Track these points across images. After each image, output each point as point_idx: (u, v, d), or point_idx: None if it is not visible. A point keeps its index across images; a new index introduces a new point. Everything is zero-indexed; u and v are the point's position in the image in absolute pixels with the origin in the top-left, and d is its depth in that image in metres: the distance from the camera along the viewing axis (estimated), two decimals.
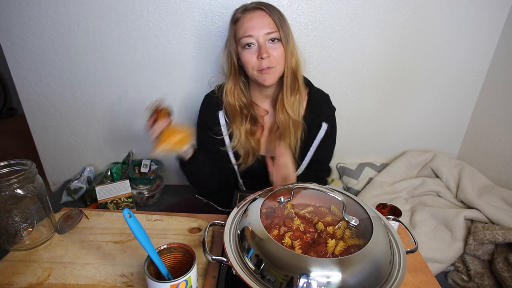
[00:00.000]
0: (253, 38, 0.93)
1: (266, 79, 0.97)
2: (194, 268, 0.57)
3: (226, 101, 1.03)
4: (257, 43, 0.94)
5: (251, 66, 0.96)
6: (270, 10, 0.94)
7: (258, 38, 0.93)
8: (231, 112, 1.04)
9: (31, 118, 1.51)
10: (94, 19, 1.32)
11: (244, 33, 0.93)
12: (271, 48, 0.94)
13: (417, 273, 0.72)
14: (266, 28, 0.93)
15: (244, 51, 0.96)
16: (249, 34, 0.93)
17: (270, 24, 0.93)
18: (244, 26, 0.94)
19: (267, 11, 0.94)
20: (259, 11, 0.95)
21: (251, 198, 0.71)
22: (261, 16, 0.94)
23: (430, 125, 1.63)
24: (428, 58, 1.47)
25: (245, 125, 1.04)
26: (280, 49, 0.95)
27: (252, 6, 0.96)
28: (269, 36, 0.93)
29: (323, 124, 1.06)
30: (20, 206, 0.75)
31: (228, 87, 1.02)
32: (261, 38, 0.93)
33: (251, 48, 0.95)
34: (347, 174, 1.66)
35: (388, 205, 0.86)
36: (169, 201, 1.57)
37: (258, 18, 0.94)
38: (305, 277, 0.50)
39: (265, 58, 0.93)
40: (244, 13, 0.95)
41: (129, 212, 0.57)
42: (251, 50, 0.95)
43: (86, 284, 0.66)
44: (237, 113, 1.03)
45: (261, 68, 0.94)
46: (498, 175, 1.47)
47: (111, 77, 1.43)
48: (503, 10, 1.39)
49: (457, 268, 1.24)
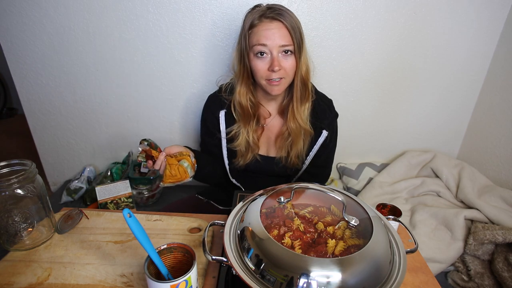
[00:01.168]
0: (267, 48, 0.92)
1: (273, 90, 0.97)
2: (194, 268, 0.57)
3: (237, 102, 1.03)
4: (270, 54, 0.93)
5: (261, 75, 0.96)
6: (287, 22, 0.92)
7: (272, 49, 0.92)
8: (242, 113, 1.04)
9: (31, 118, 1.51)
10: (94, 19, 1.32)
11: (258, 41, 0.92)
12: (283, 60, 0.94)
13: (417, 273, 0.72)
14: (281, 40, 0.92)
15: (256, 59, 0.95)
16: (263, 43, 0.92)
17: (285, 37, 0.92)
18: (259, 34, 0.92)
19: (284, 23, 0.92)
20: (276, 22, 0.92)
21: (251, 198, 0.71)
22: (278, 28, 0.92)
23: (430, 125, 1.63)
24: (428, 58, 1.47)
25: (252, 125, 1.05)
26: (292, 61, 0.95)
27: (271, 16, 0.93)
28: (283, 48, 0.93)
29: (323, 131, 1.07)
30: (20, 206, 0.75)
31: (240, 89, 1.02)
32: (275, 50, 0.92)
33: (264, 57, 0.94)
34: (347, 174, 1.66)
35: (388, 205, 0.86)
36: (169, 201, 1.57)
37: (275, 29, 0.92)
38: (305, 277, 0.50)
39: (276, 71, 0.93)
40: (261, 20, 0.93)
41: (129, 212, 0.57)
42: (264, 60, 0.94)
43: (86, 284, 0.66)
44: (248, 114, 1.04)
45: (270, 78, 0.94)
46: (498, 175, 1.47)
47: (111, 77, 1.43)
48: (503, 10, 1.39)
49: (457, 268, 1.24)
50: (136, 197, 1.46)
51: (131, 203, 1.35)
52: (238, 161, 1.10)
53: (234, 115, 1.06)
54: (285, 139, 1.07)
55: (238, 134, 1.06)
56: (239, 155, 1.08)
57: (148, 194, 1.50)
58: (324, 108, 1.08)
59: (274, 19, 0.92)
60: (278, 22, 0.92)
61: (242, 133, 1.05)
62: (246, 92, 1.02)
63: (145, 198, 1.50)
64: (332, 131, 1.11)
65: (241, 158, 1.09)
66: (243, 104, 1.02)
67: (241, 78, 1.01)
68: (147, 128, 1.55)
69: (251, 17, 0.95)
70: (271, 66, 0.93)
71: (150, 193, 1.50)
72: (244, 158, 1.09)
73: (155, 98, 1.48)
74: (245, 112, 1.03)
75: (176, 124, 1.53)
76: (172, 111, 1.50)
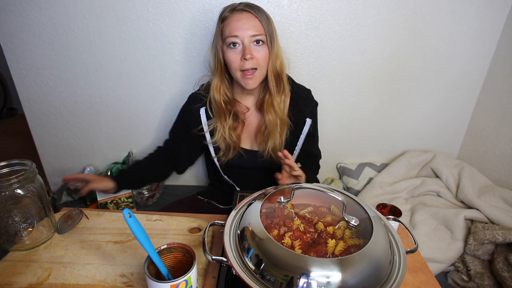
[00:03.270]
0: (239, 39, 0.95)
1: (248, 83, 0.99)
2: (194, 268, 0.57)
3: (212, 97, 1.05)
4: (242, 44, 0.96)
5: (235, 66, 0.98)
6: (257, 13, 0.97)
7: (243, 39, 0.95)
8: (216, 108, 1.06)
9: (31, 118, 1.51)
10: (94, 19, 1.32)
11: (230, 33, 0.96)
12: (255, 50, 0.97)
13: (417, 273, 0.72)
14: (252, 30, 0.95)
15: (229, 50, 0.98)
16: (234, 34, 0.95)
17: (256, 26, 0.96)
18: (230, 25, 0.96)
19: (254, 13, 0.96)
20: (247, 13, 0.97)
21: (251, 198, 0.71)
22: (248, 18, 0.96)
23: (430, 125, 1.63)
24: (428, 58, 1.47)
25: (228, 120, 1.07)
26: (264, 51, 0.98)
27: (240, 8, 0.98)
28: (254, 38, 0.96)
29: (307, 120, 1.10)
30: (20, 206, 0.75)
31: (214, 83, 1.05)
32: (246, 40, 0.95)
33: (236, 48, 0.97)
34: (347, 174, 1.66)
35: (388, 205, 0.86)
36: (169, 201, 1.57)
37: (245, 19, 0.96)
38: (305, 277, 0.50)
39: (248, 60, 0.95)
40: (232, 13, 0.97)
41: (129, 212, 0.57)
42: (236, 50, 0.97)
43: (86, 284, 0.66)
44: (221, 109, 1.06)
45: (244, 68, 0.96)
46: (498, 175, 1.47)
47: (111, 77, 1.43)
48: (503, 10, 1.39)
49: (457, 268, 1.24)
50: (136, 197, 1.46)
51: (131, 203, 1.35)
52: (221, 157, 1.11)
53: (209, 111, 1.08)
54: (262, 133, 1.09)
55: (215, 130, 1.08)
56: (221, 151, 1.10)
57: (148, 194, 1.50)
58: (304, 98, 1.11)
59: (244, 11, 0.97)
60: (248, 13, 0.97)
61: (218, 130, 1.07)
62: (220, 87, 1.05)
63: (145, 198, 1.50)
64: (314, 118, 1.14)
65: (223, 154, 1.10)
66: (217, 100, 1.04)
67: (215, 72, 1.04)
68: (147, 128, 1.55)
69: (224, 10, 1.00)
70: (243, 55, 0.95)
71: (150, 193, 1.50)
72: (226, 154, 1.10)
73: (155, 98, 1.48)
74: (219, 107, 1.05)
75: None
76: (172, 111, 1.50)
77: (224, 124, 1.06)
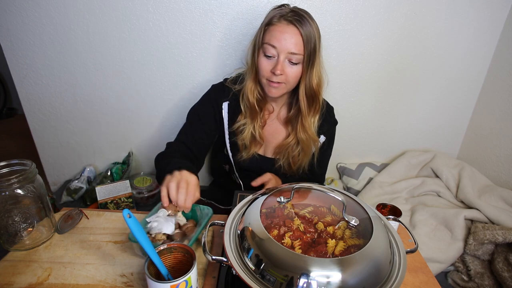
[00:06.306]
0: (276, 50, 0.92)
1: (271, 91, 0.98)
2: (194, 268, 0.57)
3: (246, 97, 1.03)
4: (277, 56, 0.92)
5: (263, 74, 0.96)
6: (303, 28, 0.90)
7: (280, 52, 0.92)
8: (249, 109, 1.04)
9: (31, 118, 1.51)
10: (94, 19, 1.32)
11: (269, 40, 0.92)
12: (288, 66, 0.94)
13: (417, 273, 0.72)
14: (292, 47, 0.91)
15: (262, 57, 0.95)
16: (273, 45, 0.91)
17: (297, 45, 0.91)
18: (272, 34, 0.92)
19: (300, 29, 0.90)
20: (292, 27, 0.91)
21: (251, 198, 0.71)
22: (291, 33, 0.90)
23: (430, 125, 1.63)
24: (428, 58, 1.47)
25: (260, 118, 1.06)
26: (297, 70, 0.95)
27: (289, 18, 0.91)
28: (291, 56, 0.92)
29: (321, 136, 1.09)
30: (20, 206, 0.75)
31: (249, 86, 1.02)
32: (282, 55, 0.92)
33: (270, 59, 0.94)
34: (347, 174, 1.66)
35: (388, 205, 0.86)
36: None
37: (288, 34, 0.90)
38: (305, 277, 0.50)
39: (277, 75, 0.93)
40: (280, 21, 0.92)
41: (129, 213, 0.57)
42: (269, 61, 0.94)
43: (86, 284, 0.67)
44: (255, 110, 1.04)
45: (271, 79, 0.95)
46: (498, 175, 1.47)
47: (111, 77, 1.43)
48: (503, 10, 1.39)
49: (457, 268, 1.24)
50: (136, 197, 1.46)
51: (131, 203, 1.35)
52: (242, 155, 1.10)
53: (242, 107, 1.05)
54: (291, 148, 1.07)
55: (243, 128, 1.06)
56: (242, 149, 1.09)
57: (148, 194, 1.50)
58: (326, 115, 1.10)
59: (292, 24, 0.91)
60: (295, 28, 0.90)
61: (248, 127, 1.05)
62: (254, 90, 1.03)
63: (145, 198, 1.50)
64: (330, 137, 1.13)
65: (244, 151, 1.09)
66: (251, 100, 1.03)
67: (251, 72, 1.02)
68: (147, 128, 1.55)
69: (273, 14, 0.94)
70: (273, 68, 0.93)
71: (150, 193, 1.50)
72: (247, 151, 1.09)
73: (155, 98, 1.48)
74: (252, 107, 1.04)
75: (176, 124, 1.53)
76: (172, 111, 1.50)
77: (255, 123, 1.05)
